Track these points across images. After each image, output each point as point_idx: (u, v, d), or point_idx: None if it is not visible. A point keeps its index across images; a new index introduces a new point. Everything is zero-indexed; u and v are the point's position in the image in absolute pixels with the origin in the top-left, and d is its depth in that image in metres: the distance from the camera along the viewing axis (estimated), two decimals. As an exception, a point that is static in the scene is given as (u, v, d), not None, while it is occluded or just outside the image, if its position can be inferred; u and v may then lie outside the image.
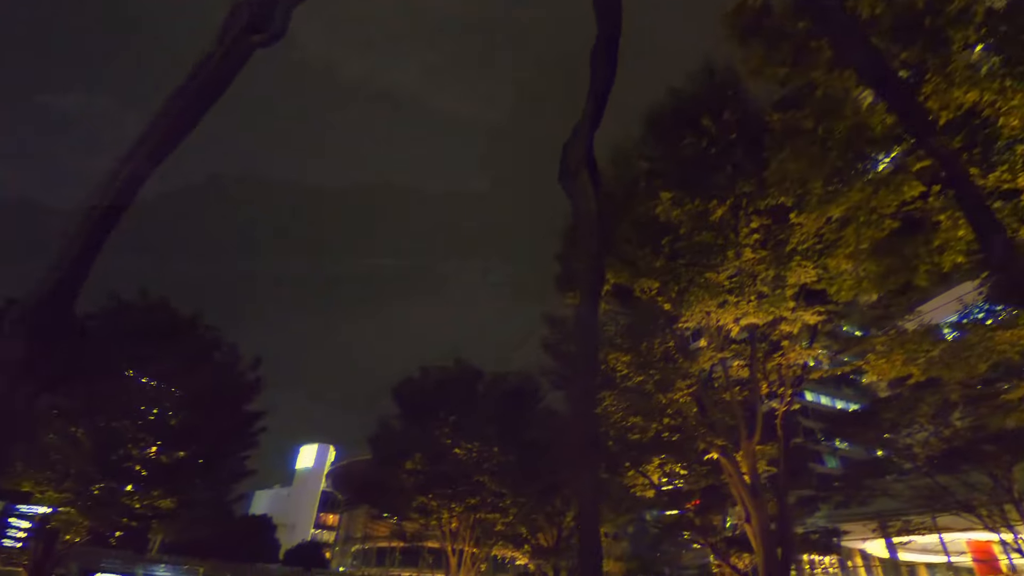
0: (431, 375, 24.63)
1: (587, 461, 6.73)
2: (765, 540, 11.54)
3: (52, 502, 20.13)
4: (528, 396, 24.86)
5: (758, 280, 12.02)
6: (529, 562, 30.54)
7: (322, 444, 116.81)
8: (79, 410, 20.79)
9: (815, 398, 53.47)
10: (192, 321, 24.60)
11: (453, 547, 23.45)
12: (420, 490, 22.43)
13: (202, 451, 23.45)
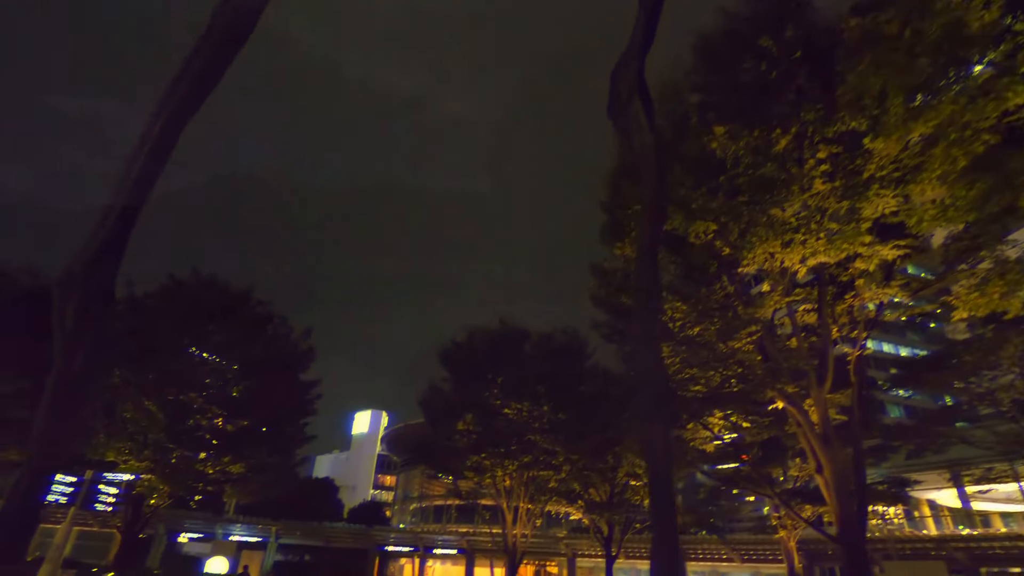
0: (477, 338, 24.61)
1: (657, 410, 6.33)
2: (839, 490, 10.95)
3: (134, 470, 21.46)
4: (576, 354, 24.54)
5: (827, 215, 11.03)
6: (583, 516, 30.83)
7: (375, 411, 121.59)
8: (150, 385, 21.88)
9: (877, 346, 51.07)
10: (244, 296, 25.27)
11: (508, 504, 23.82)
12: (473, 450, 22.74)
13: (264, 419, 24.45)
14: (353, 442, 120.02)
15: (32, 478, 4.16)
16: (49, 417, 4.29)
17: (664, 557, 5.77)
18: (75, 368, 4.33)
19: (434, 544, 46.18)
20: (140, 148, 5.06)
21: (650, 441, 5.99)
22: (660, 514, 5.89)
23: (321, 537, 43.17)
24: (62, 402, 4.32)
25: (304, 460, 28.90)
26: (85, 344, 4.41)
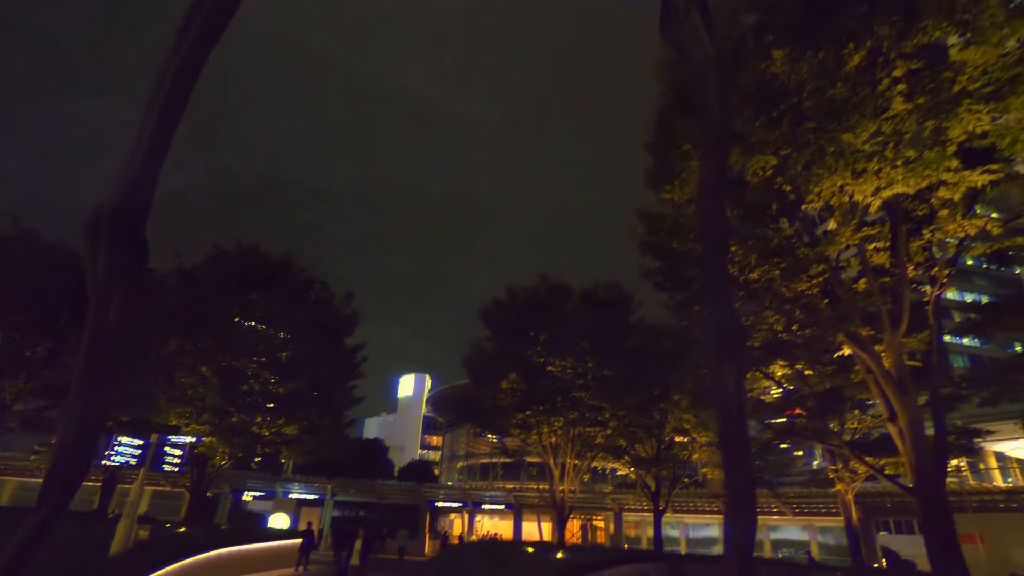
0: (518, 295, 24.24)
1: (729, 351, 5.78)
2: (915, 440, 10.19)
3: (196, 432, 22.44)
4: (621, 308, 23.90)
5: (906, 139, 9.88)
6: (630, 472, 30.75)
7: (419, 374, 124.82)
8: (204, 352, 22.62)
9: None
10: (285, 262, 25.57)
11: (555, 460, 23.87)
12: (518, 408, 22.71)
13: (314, 382, 25.04)
14: (399, 405, 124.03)
15: (78, 431, 3.94)
16: (87, 370, 4.04)
17: (739, 509, 5.32)
18: (110, 320, 4.05)
19: (482, 500, 47.50)
20: (160, 88, 4.65)
21: (722, 384, 5.44)
22: (734, 463, 5.39)
23: (374, 494, 44.99)
24: (98, 356, 4.06)
25: (353, 422, 29.72)
26: (118, 294, 4.11)
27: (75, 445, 3.95)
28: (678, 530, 44.13)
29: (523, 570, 18.67)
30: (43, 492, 4.03)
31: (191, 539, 18.84)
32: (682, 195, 12.90)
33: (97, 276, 4.15)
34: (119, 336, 4.11)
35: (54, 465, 3.97)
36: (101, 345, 4.06)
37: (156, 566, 16.35)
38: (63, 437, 3.94)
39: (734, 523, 5.47)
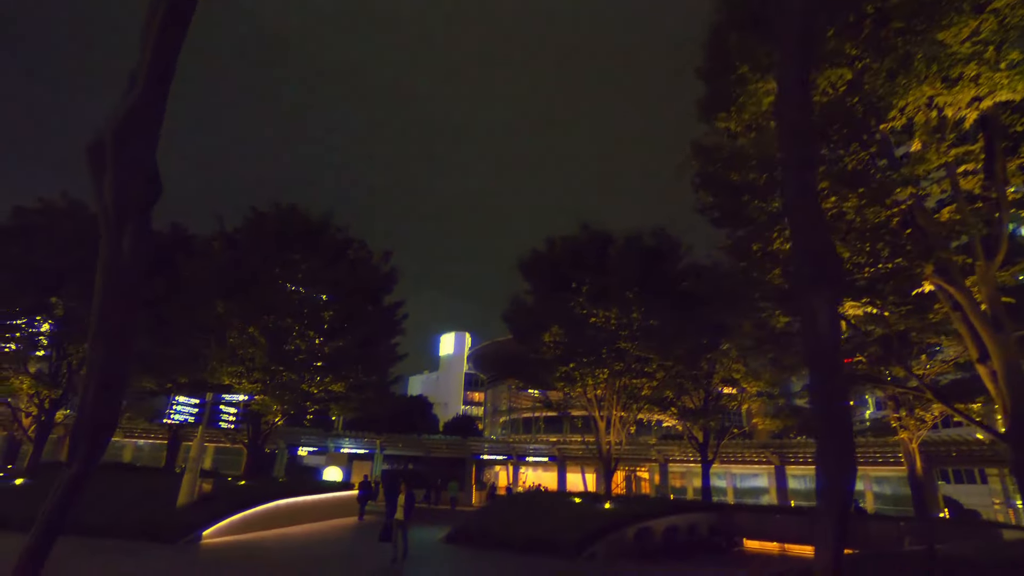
0: (557, 245, 23.43)
1: (820, 277, 5.02)
2: (1011, 381, 9.16)
3: (248, 391, 23.13)
4: (667, 255, 22.83)
5: (1011, 36, 8.44)
6: (677, 424, 30.29)
7: (459, 332, 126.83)
8: (250, 313, 23.00)
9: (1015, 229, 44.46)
10: (323, 222, 25.48)
11: (600, 412, 23.55)
12: (561, 361, 22.31)
13: (357, 340, 25.29)
14: (441, 363, 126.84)
15: (99, 381, 3.55)
16: (103, 314, 3.61)
17: (836, 458, 4.70)
18: (123, 258, 3.61)
19: (526, 452, 48.27)
20: (157, 6, 4.06)
21: (813, 319, 4.69)
22: (828, 407, 4.74)
23: (421, 448, 46.32)
24: (113, 297, 3.63)
25: (398, 379, 30.14)
26: (130, 229, 3.65)
27: (98, 397, 3.63)
28: (725, 480, 43.91)
29: (572, 519, 18.70)
30: (71, 448, 3.75)
31: (251, 491, 19.66)
32: (739, 123, 11.73)
33: (105, 208, 3.72)
34: (133, 276, 3.71)
35: (79, 420, 3.68)
36: (115, 285, 3.67)
37: (220, 516, 17.14)
38: (86, 389, 3.63)
39: (830, 474, 4.84)
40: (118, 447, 43.23)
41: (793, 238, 5.24)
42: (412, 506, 13.73)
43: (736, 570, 16.15)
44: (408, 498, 13.58)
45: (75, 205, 24.24)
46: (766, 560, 19.02)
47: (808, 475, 43.43)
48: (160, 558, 13.23)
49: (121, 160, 3.66)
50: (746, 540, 22.48)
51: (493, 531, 18.20)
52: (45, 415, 23.10)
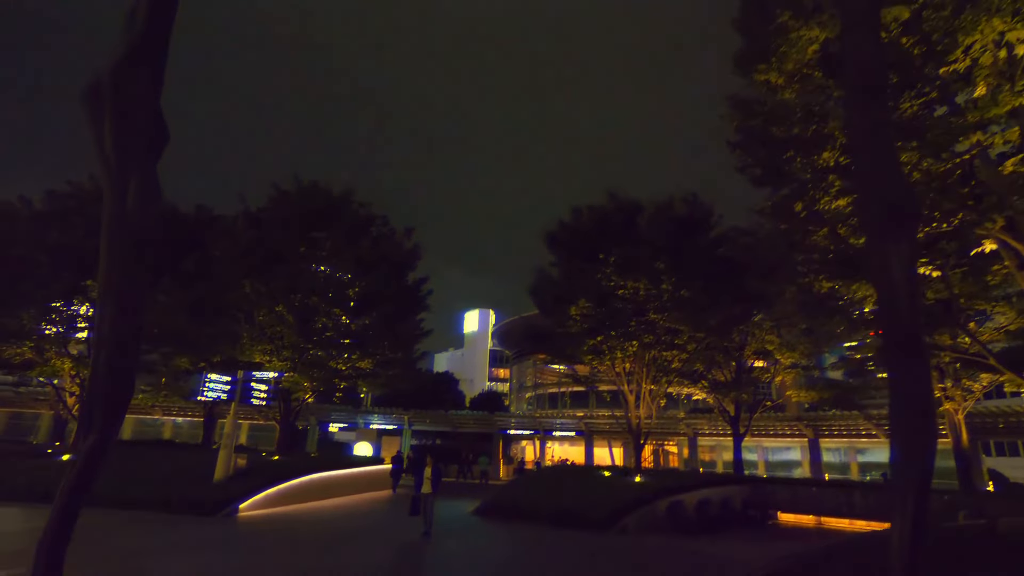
0: (583, 215, 22.77)
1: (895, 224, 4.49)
2: (1084, 345, 8.42)
3: (278, 368, 23.41)
4: (699, 223, 21.99)
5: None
6: (707, 397, 29.75)
7: (482, 309, 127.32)
8: (277, 292, 23.13)
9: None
10: (346, 197, 25.31)
11: (629, 386, 23.17)
12: (589, 334, 21.89)
13: (383, 317, 25.30)
14: (466, 340, 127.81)
15: (111, 345, 3.27)
16: (110, 272, 3.32)
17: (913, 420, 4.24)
18: (128, 213, 3.30)
19: (553, 427, 48.38)
20: None
21: (886, 268, 4.16)
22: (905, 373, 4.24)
23: (448, 423, 46.79)
24: (119, 255, 3.33)
25: (424, 355, 30.20)
26: (134, 181, 3.33)
27: (109, 364, 3.38)
28: (756, 454, 43.38)
29: (603, 493, 18.53)
30: (83, 418, 3.54)
31: (284, 466, 20.00)
32: (781, 74, 10.91)
33: (106, 159, 3.41)
34: (141, 232, 3.41)
35: (92, 389, 3.44)
36: (122, 244, 3.39)
37: (255, 489, 17.46)
38: (96, 357, 3.38)
39: (908, 444, 4.36)
40: (158, 425, 44.79)
41: (862, 185, 4.68)
42: (439, 480, 13.69)
43: (774, 543, 15.78)
44: (435, 472, 13.56)
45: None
46: (803, 534, 18.59)
47: (843, 448, 42.58)
48: (201, 529, 13.50)
49: (121, 103, 3.33)
50: (781, 513, 22.03)
51: (522, 504, 18.16)
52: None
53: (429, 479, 13.39)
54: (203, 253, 24.14)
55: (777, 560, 9.76)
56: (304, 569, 9.59)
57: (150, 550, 10.71)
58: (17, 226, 23.00)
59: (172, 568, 9.26)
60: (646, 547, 13.58)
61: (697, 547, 13.73)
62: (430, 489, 13.31)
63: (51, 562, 3.50)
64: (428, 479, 13.39)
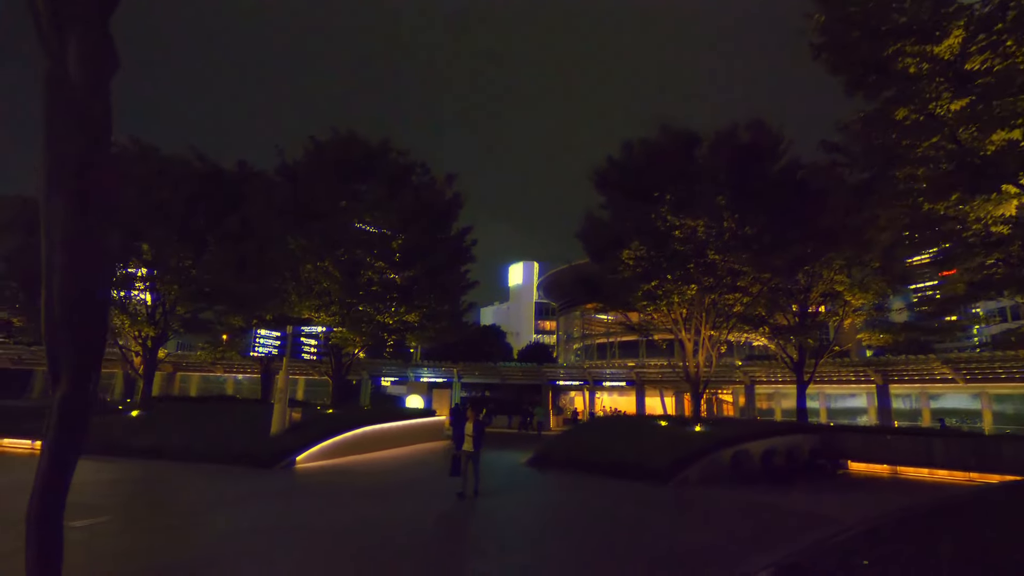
0: (635, 150, 20.96)
1: None
2: None
3: (326, 323, 23.40)
4: (765, 152, 19.85)
5: None
6: (768, 343, 28.13)
7: (527, 262, 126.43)
8: (321, 247, 22.84)
9: None
10: (384, 146, 24.41)
11: (687, 333, 21.91)
12: (643, 279, 20.57)
13: (428, 269, 24.75)
14: (511, 293, 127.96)
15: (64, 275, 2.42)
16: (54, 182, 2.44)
17: None
18: (69, 80, 2.39)
19: (603, 377, 47.82)
20: None
21: None
22: None
23: (497, 375, 46.93)
24: (64, 146, 2.46)
25: (470, 307, 29.71)
26: (74, 43, 2.41)
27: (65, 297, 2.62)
28: (817, 401, 41.64)
29: (661, 443, 17.75)
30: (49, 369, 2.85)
31: (337, 419, 20.16)
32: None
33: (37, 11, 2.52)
34: (89, 109, 2.54)
35: (48, 334, 2.71)
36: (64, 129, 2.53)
37: (311, 442, 17.62)
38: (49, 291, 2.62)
39: None
40: (221, 381, 47.02)
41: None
42: (481, 435, 11.97)
43: (851, 494, 14.66)
44: (476, 427, 11.88)
45: (145, 149, 24.50)
46: (880, 484, 17.34)
47: (913, 394, 40.23)
48: (260, 481, 13.62)
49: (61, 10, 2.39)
50: (851, 463, 20.79)
51: (576, 454, 17.65)
52: (149, 353, 24.63)
53: (471, 436, 11.68)
54: (246, 211, 23.98)
55: (878, 518, 8.72)
56: (362, 520, 9.32)
57: (213, 502, 10.75)
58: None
59: (234, 520, 9.15)
60: (715, 499, 12.74)
61: (770, 499, 12.80)
62: (472, 447, 11.64)
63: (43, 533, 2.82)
64: (469, 436, 11.68)
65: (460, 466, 11.48)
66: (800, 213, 18.90)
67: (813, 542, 7.78)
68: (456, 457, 11.53)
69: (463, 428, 11.76)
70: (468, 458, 11.54)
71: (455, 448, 11.70)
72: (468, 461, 11.54)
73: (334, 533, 8.36)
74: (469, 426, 11.72)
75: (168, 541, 7.74)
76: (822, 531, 9.32)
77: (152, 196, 23.19)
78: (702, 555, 7.71)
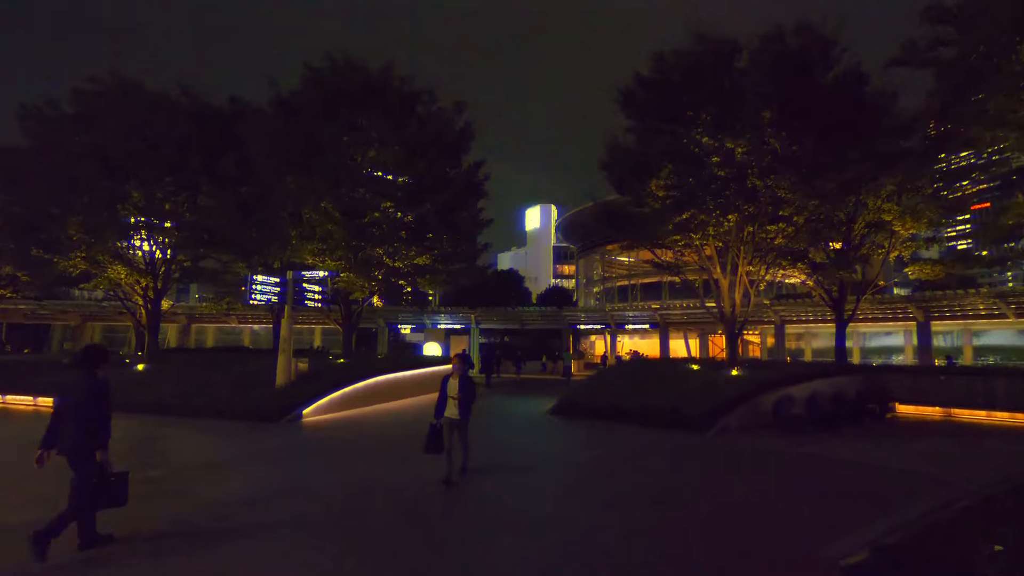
0: (667, 63, 18.26)
1: None
2: None
3: (332, 268, 22.00)
4: (817, 60, 17.08)
5: None
6: (808, 279, 26.02)
7: (544, 205, 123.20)
8: (321, 186, 21.08)
9: None
10: (385, 73, 22.04)
11: (722, 269, 19.98)
12: (675, 209, 18.49)
13: (438, 206, 22.91)
14: (528, 237, 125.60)
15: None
16: None
17: None
18: None
19: (625, 320, 46.39)
20: None
21: None
22: None
23: (516, 320, 45.80)
24: None
25: (486, 247, 27.96)
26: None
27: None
28: (851, 340, 39.79)
29: (696, 388, 16.30)
30: None
31: (348, 369, 19.05)
32: None
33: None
34: None
35: None
36: None
37: (319, 394, 16.47)
38: None
39: None
40: (237, 333, 46.75)
41: None
42: (471, 396, 8.37)
43: (919, 442, 13.12)
44: (464, 386, 8.26)
45: (128, 84, 22.58)
46: (943, 429, 15.78)
47: (955, 331, 38.19)
48: (260, 438, 12.56)
49: None
50: (899, 405, 19.26)
51: (604, 402, 16.31)
52: (152, 304, 23.66)
53: (455, 398, 8.16)
54: (241, 150, 22.16)
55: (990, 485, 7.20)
56: (367, 484, 8.10)
57: (198, 465, 9.62)
58: (51, 132, 21.79)
59: (218, 487, 7.96)
60: (764, 451, 11.23)
61: (824, 451, 11.27)
62: (458, 413, 8.18)
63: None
64: (454, 398, 8.16)
65: (441, 441, 7.97)
66: (857, 129, 16.43)
67: (917, 516, 6.37)
68: (435, 428, 7.98)
69: (446, 387, 8.32)
70: (453, 429, 8.17)
71: (436, 414, 8.13)
72: (453, 433, 8.18)
73: (327, 504, 7.08)
74: (454, 384, 8.24)
75: (132, 512, 6.56)
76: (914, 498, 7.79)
77: (138, 136, 21.47)
78: (772, 527, 6.26)
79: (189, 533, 5.96)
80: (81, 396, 5.17)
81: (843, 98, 16.98)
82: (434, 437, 7.93)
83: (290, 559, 5.20)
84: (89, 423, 5.14)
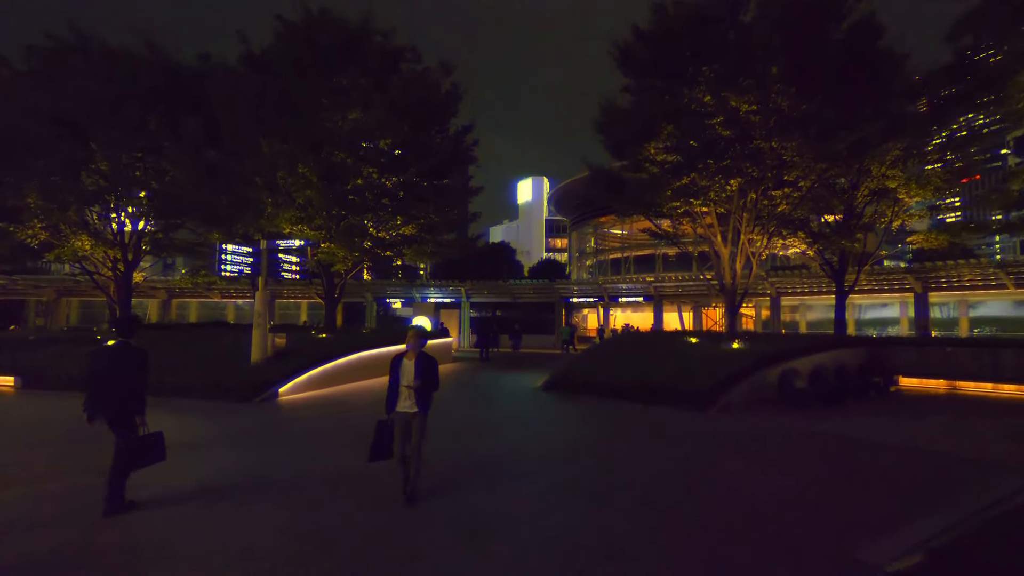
0: (666, 14, 16.80)
1: None
2: None
3: (311, 238, 20.84)
4: (830, 8, 15.74)
5: None
6: (808, 249, 25.20)
7: (536, 177, 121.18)
8: (296, 149, 19.71)
9: None
10: (364, 26, 20.45)
11: (723, 237, 19.04)
12: (675, 174, 17.39)
13: (425, 172, 21.63)
14: (520, 210, 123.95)
15: None
16: None
17: None
18: None
19: (619, 293, 45.58)
20: None
21: None
22: None
23: (508, 293, 44.79)
24: None
25: (475, 217, 26.81)
26: None
27: None
28: (847, 312, 39.33)
29: (696, 362, 15.49)
30: None
31: (329, 344, 18.02)
32: None
33: None
34: None
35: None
36: None
37: (297, 371, 15.45)
38: None
39: None
40: (220, 308, 45.44)
41: None
42: (431, 383, 5.96)
43: (936, 417, 12.42)
44: (421, 366, 5.93)
45: (86, 39, 20.85)
46: (952, 404, 15.11)
47: (951, 302, 37.76)
48: (232, 418, 11.59)
49: None
50: (902, 378, 18.67)
51: (600, 377, 15.51)
52: (122, 278, 22.38)
53: (411, 387, 5.85)
54: (211, 112, 20.62)
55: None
56: (346, 471, 7.19)
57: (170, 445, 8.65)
58: (2, 92, 20.12)
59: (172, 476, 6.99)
60: (773, 430, 10.40)
61: (836, 427, 10.50)
62: (414, 405, 5.88)
63: None
64: (409, 387, 5.85)
65: (391, 443, 5.93)
66: (869, 87, 15.32)
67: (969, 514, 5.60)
68: (383, 425, 5.93)
69: (398, 371, 5.98)
70: (408, 426, 5.90)
71: (387, 408, 6.03)
72: (409, 432, 5.90)
73: (291, 509, 6.12)
74: (409, 367, 5.94)
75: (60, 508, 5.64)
76: (952, 486, 6.99)
77: (98, 95, 19.87)
78: (800, 523, 5.43)
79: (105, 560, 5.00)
80: (122, 365, 5.60)
81: (856, 52, 15.79)
82: (382, 437, 5.88)
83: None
84: (132, 390, 5.61)
